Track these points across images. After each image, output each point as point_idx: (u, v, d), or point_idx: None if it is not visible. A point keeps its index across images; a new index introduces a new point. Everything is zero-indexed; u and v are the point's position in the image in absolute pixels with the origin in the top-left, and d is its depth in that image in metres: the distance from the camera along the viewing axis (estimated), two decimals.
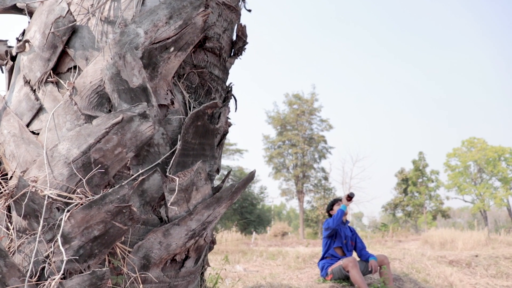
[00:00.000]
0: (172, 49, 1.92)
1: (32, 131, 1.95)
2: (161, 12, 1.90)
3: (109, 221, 1.69)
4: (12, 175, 1.96)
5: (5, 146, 1.98)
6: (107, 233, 1.71)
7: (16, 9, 2.28)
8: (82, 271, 1.71)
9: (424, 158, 32.36)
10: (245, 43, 2.41)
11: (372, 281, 5.31)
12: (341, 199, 4.96)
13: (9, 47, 2.28)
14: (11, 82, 2.18)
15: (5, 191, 1.87)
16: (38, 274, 1.68)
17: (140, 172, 1.88)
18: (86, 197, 1.76)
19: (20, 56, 2.11)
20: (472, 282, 6.81)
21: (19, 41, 2.12)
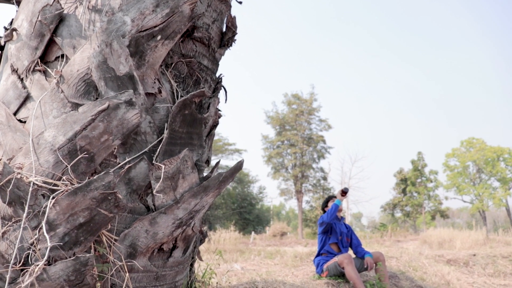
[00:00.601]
0: (159, 37, 1.91)
1: (19, 119, 1.95)
2: (148, 0, 1.90)
3: (94, 208, 1.69)
4: None
5: None
6: (92, 220, 1.71)
7: None
8: (67, 258, 1.70)
9: (423, 158, 32.37)
10: (234, 33, 2.41)
11: (367, 278, 5.30)
12: (336, 196, 4.96)
13: None
14: None
15: None
16: (23, 261, 1.68)
17: (127, 160, 1.88)
18: (72, 184, 1.75)
19: (8, 45, 2.10)
20: (470, 281, 6.80)
21: (7, 30, 2.12)
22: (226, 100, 2.52)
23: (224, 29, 2.43)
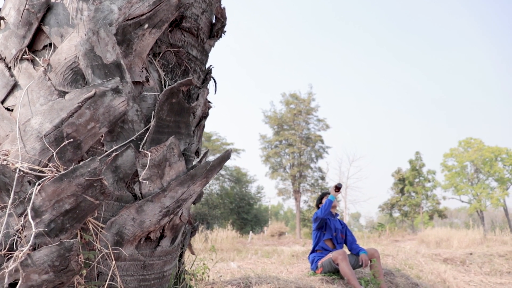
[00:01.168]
0: (146, 26, 1.92)
1: (6, 108, 1.95)
2: None
3: (80, 194, 1.69)
4: None
5: None
6: (78, 207, 1.71)
7: None
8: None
9: (420, 158, 32.41)
10: (224, 24, 2.41)
11: (362, 275, 5.29)
12: (330, 192, 4.97)
13: None
14: None
15: None
16: (9, 248, 1.68)
17: (114, 148, 1.88)
18: (58, 171, 1.75)
19: None
20: (466, 280, 6.81)
21: None
22: (216, 91, 2.52)
23: (213, 20, 2.44)
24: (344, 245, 5.17)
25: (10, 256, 1.64)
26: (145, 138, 1.91)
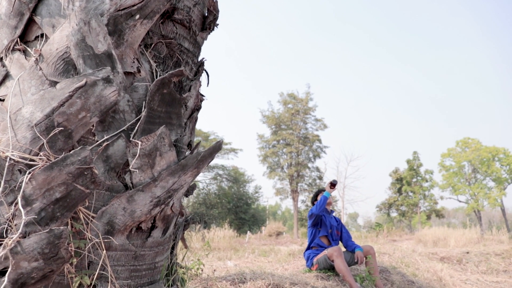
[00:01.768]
0: (137, 16, 1.93)
1: None
2: None
3: (70, 183, 1.69)
4: None
5: None
6: (69, 195, 1.71)
7: None
8: None
9: (418, 157, 32.48)
10: (216, 17, 2.42)
11: (358, 272, 5.30)
12: (325, 189, 4.98)
13: None
14: None
15: None
16: None
17: (105, 138, 1.89)
18: (49, 160, 1.76)
19: None
20: (463, 278, 6.83)
21: None
22: (208, 84, 2.53)
23: (206, 13, 2.45)
24: (340, 242, 5.18)
25: (0, 244, 1.65)
26: (136, 128, 1.92)
